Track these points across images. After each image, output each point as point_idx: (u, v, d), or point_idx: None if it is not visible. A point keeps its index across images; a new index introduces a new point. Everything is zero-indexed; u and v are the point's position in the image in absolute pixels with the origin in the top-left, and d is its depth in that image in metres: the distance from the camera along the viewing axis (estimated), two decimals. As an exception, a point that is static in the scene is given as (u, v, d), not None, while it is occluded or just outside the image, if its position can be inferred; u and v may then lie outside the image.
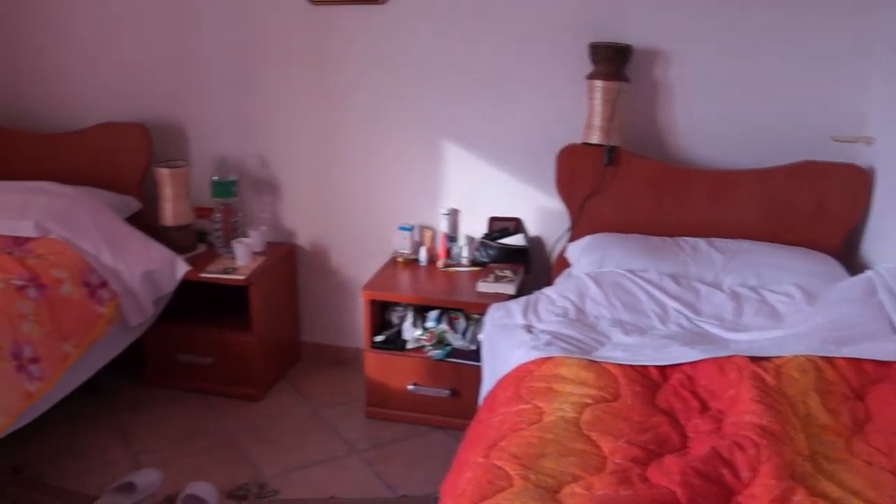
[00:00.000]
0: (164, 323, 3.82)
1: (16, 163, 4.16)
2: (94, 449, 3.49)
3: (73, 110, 4.26)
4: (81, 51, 4.20)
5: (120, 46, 4.13)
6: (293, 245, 4.12)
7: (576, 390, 2.36)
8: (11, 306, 3.05)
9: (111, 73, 4.18)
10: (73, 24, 4.17)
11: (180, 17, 3.99)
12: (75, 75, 4.24)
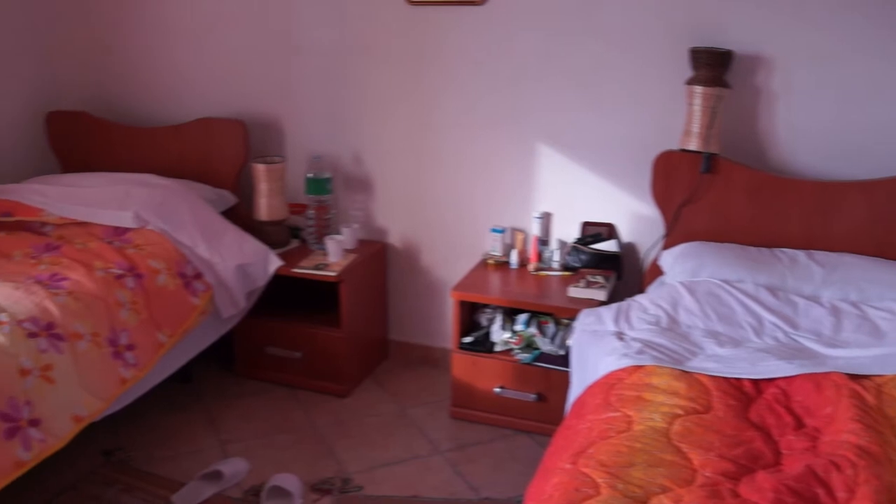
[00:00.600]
0: (254, 316, 3.88)
1: (118, 155, 4.27)
2: (184, 436, 3.56)
3: (174, 105, 4.36)
4: (183, 47, 4.28)
5: (221, 43, 4.20)
6: (384, 243, 4.14)
7: (667, 400, 2.33)
8: (110, 294, 3.14)
9: (212, 69, 4.25)
10: (176, 22, 4.26)
11: (280, 14, 4.03)
12: (177, 71, 4.33)
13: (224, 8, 4.14)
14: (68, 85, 4.54)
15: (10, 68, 4.29)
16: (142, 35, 4.35)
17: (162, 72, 4.37)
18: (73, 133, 4.38)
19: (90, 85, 4.53)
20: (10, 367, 2.69)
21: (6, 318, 2.80)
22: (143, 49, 4.37)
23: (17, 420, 2.66)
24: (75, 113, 4.39)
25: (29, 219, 3.60)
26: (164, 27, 4.30)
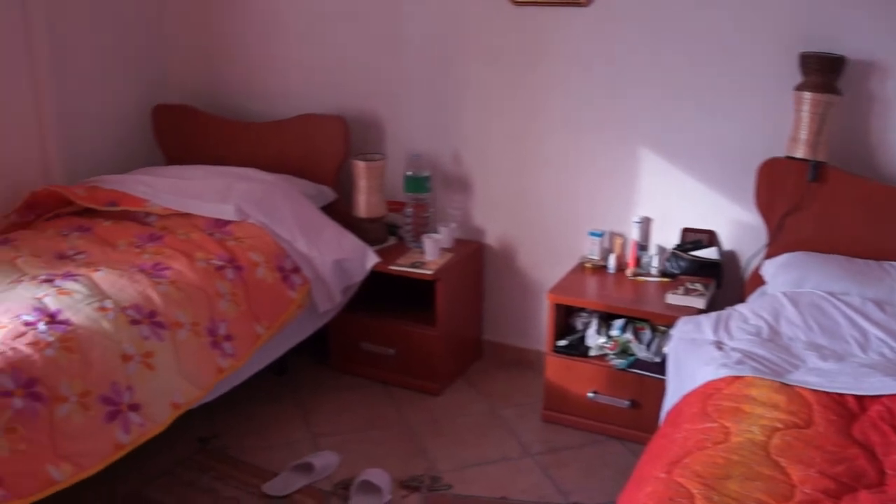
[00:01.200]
0: (350, 311, 3.91)
1: (221, 149, 4.35)
2: (277, 427, 3.61)
3: (278, 101, 4.42)
4: (288, 45, 4.35)
5: (324, 41, 4.25)
6: (481, 243, 4.14)
7: (766, 413, 2.27)
8: (211, 285, 3.20)
9: (315, 66, 4.30)
10: (281, 20, 4.33)
11: (384, 13, 4.07)
12: (281, 68, 4.40)
13: (329, 7, 4.19)
14: (174, 79, 4.66)
15: (121, 63, 4.41)
16: (247, 32, 4.44)
17: (266, 68, 4.44)
18: (177, 126, 4.49)
19: (196, 80, 4.63)
20: (113, 352, 2.77)
21: (111, 305, 2.88)
22: (248, 46, 4.45)
23: (119, 404, 2.73)
24: (181, 107, 4.50)
25: (134, 209, 3.69)
26: (269, 25, 4.37)
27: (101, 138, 4.35)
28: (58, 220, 3.79)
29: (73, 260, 3.32)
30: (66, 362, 2.65)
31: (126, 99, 4.47)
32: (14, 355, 2.57)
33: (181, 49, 4.62)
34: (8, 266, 3.25)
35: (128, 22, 4.42)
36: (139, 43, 4.49)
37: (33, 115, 3.97)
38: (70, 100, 4.11)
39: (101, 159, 4.29)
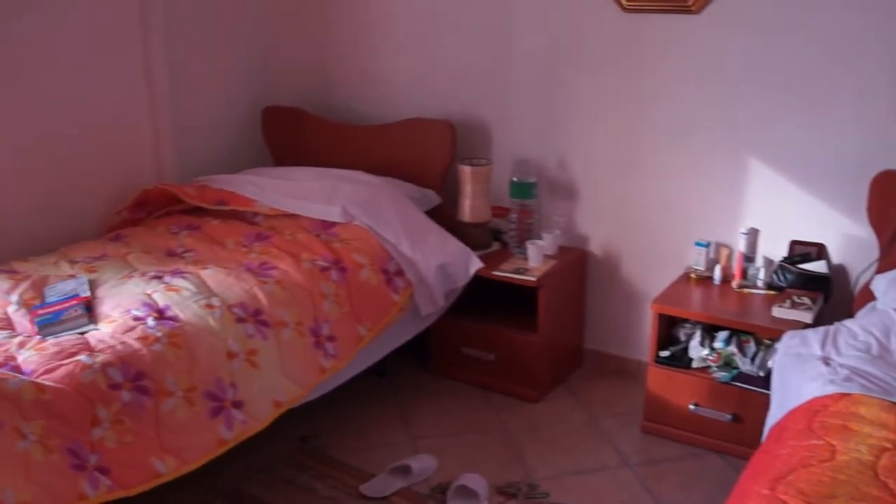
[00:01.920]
0: (451, 316, 3.92)
1: (328, 151, 4.41)
2: (376, 429, 3.63)
3: (385, 104, 4.46)
4: (396, 49, 4.39)
5: (433, 46, 4.27)
6: (585, 251, 4.10)
7: (874, 432, 2.19)
8: (315, 286, 3.24)
9: (423, 70, 4.33)
10: (390, 25, 4.38)
11: (494, 19, 4.06)
12: (389, 72, 4.44)
13: (438, 12, 4.21)
14: (284, 82, 4.74)
15: (232, 65, 4.51)
16: (357, 36, 4.50)
17: (375, 72, 4.49)
18: (286, 128, 4.57)
19: (305, 82, 4.71)
20: (218, 349, 2.84)
21: (217, 303, 2.95)
22: (358, 50, 4.51)
23: (223, 400, 2.79)
24: (289, 109, 4.57)
25: (242, 208, 3.77)
26: (378, 30, 4.42)
27: (212, 138, 4.46)
28: (168, 217, 3.91)
29: (181, 257, 3.41)
30: (173, 358, 2.72)
31: (237, 100, 4.57)
32: (123, 349, 2.65)
33: (291, 51, 4.70)
34: (119, 262, 3.36)
35: (239, 25, 4.52)
36: (250, 46, 4.59)
37: (148, 115, 4.10)
38: (183, 100, 4.23)
39: (212, 159, 4.40)
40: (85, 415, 2.48)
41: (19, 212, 3.65)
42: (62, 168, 3.79)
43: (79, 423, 2.46)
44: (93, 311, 2.94)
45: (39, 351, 2.61)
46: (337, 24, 4.54)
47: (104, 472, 2.46)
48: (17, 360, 2.58)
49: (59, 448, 2.39)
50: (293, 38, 4.69)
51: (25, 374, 2.49)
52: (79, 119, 3.83)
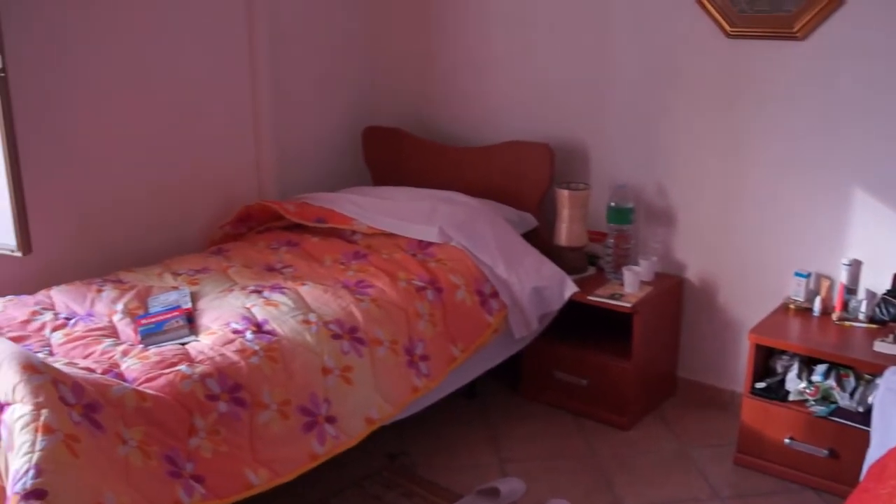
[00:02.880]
0: (544, 339, 3.90)
1: (427, 171, 4.44)
2: (465, 450, 3.63)
3: (484, 126, 4.47)
4: (496, 72, 4.40)
5: (533, 70, 4.27)
6: (682, 278, 4.04)
7: (984, 479, 2.11)
8: (411, 305, 3.26)
9: (522, 93, 4.33)
10: (490, 48, 4.39)
11: (594, 42, 4.05)
12: (488, 94, 4.45)
13: (538, 37, 4.21)
14: (385, 102, 4.80)
15: (335, 86, 4.60)
16: (457, 59, 4.52)
17: (474, 94, 4.50)
18: (386, 148, 4.62)
19: (405, 103, 4.75)
20: (314, 364, 2.87)
21: (314, 319, 2.98)
22: (458, 72, 4.53)
23: (316, 415, 2.82)
24: (390, 129, 4.62)
25: (341, 226, 3.82)
26: (478, 53, 4.44)
27: (313, 157, 4.54)
28: (268, 233, 3.98)
29: (280, 273, 3.47)
30: (270, 371, 2.76)
31: (338, 120, 4.65)
32: (222, 361, 2.70)
33: (393, 72, 4.75)
34: (220, 275, 3.43)
35: (342, 45, 4.60)
36: (352, 66, 4.67)
37: (252, 132, 4.20)
38: (286, 119, 4.32)
39: (312, 177, 4.48)
40: (183, 424, 2.52)
41: (127, 224, 3.77)
42: (169, 183, 3.91)
43: (177, 431, 2.51)
44: (193, 322, 3.00)
45: (142, 359, 2.67)
46: (438, 47, 4.58)
47: (199, 481, 2.49)
48: (121, 367, 2.64)
49: (157, 455, 2.44)
50: (395, 61, 4.75)
51: (128, 381, 2.55)
52: (187, 136, 3.95)
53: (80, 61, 3.53)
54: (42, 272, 3.45)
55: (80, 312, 3.11)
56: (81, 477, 2.18)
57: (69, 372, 2.42)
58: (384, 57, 4.76)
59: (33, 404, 2.20)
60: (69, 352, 2.77)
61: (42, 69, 3.40)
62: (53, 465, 2.13)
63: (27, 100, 3.26)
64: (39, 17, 3.37)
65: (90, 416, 2.31)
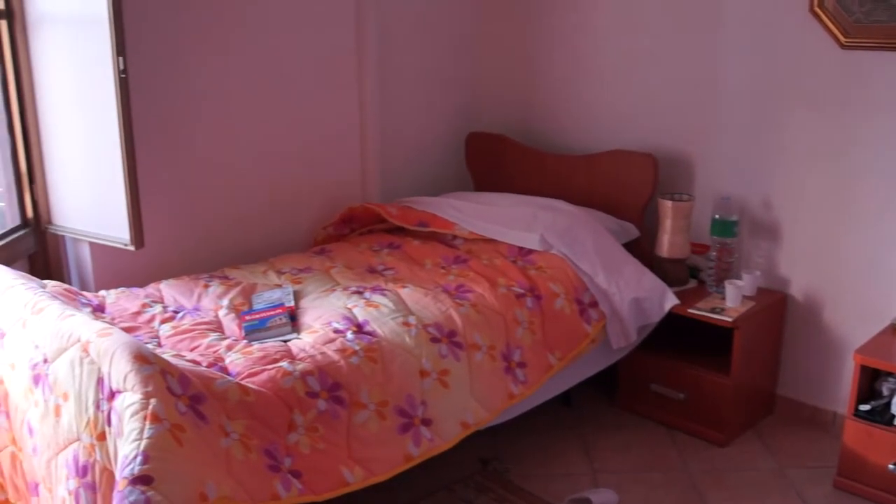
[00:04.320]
0: (642, 351, 3.86)
1: (529, 178, 4.45)
2: (558, 458, 3.62)
3: (587, 135, 4.46)
4: (600, 81, 4.38)
5: (638, 78, 4.24)
6: (785, 294, 3.95)
7: None
8: (510, 311, 3.27)
9: (627, 102, 4.31)
10: (596, 57, 4.37)
11: (702, 54, 4.00)
12: (592, 103, 4.44)
13: (643, 45, 4.19)
14: (489, 108, 4.82)
15: (441, 92, 4.65)
16: (562, 67, 4.52)
17: (578, 102, 4.49)
18: (488, 154, 4.64)
19: (509, 109, 4.77)
20: (412, 366, 2.90)
21: (414, 322, 3.01)
22: (562, 80, 4.53)
23: (412, 417, 2.84)
24: (493, 135, 4.64)
25: (442, 231, 3.85)
26: (583, 61, 4.43)
27: (416, 161, 4.59)
28: (371, 235, 4.03)
29: (382, 275, 3.51)
30: (369, 371, 2.79)
31: (442, 125, 4.69)
32: (323, 359, 2.75)
33: (497, 79, 4.77)
34: (323, 275, 3.49)
35: (447, 51, 4.65)
36: (457, 71, 4.71)
37: (358, 136, 4.28)
38: (391, 124, 4.38)
39: (414, 181, 4.53)
40: (283, 419, 2.58)
41: (234, 222, 3.87)
42: (276, 184, 4.00)
43: (277, 426, 2.56)
44: (296, 320, 3.06)
45: (245, 355, 2.73)
46: (543, 54, 4.58)
47: (296, 476, 2.54)
48: (225, 361, 2.71)
49: (257, 448, 2.49)
50: (499, 67, 4.77)
51: (232, 375, 2.61)
52: (295, 138, 4.04)
53: (194, 65, 3.65)
54: (152, 266, 3.56)
55: (187, 306, 3.21)
56: (185, 465, 2.24)
57: (177, 364, 2.49)
58: (489, 63, 4.79)
59: (142, 393, 2.27)
60: (176, 344, 2.86)
61: (159, 72, 3.52)
62: (159, 452, 2.19)
63: (144, 101, 3.37)
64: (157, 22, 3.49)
65: (195, 407, 2.37)
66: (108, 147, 3.13)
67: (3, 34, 3.34)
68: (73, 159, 3.39)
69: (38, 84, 3.38)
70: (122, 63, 3.00)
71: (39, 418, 2.59)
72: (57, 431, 2.51)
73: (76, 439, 2.44)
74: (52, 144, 3.43)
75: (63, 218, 3.50)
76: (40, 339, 2.61)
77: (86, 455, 2.40)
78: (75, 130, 3.35)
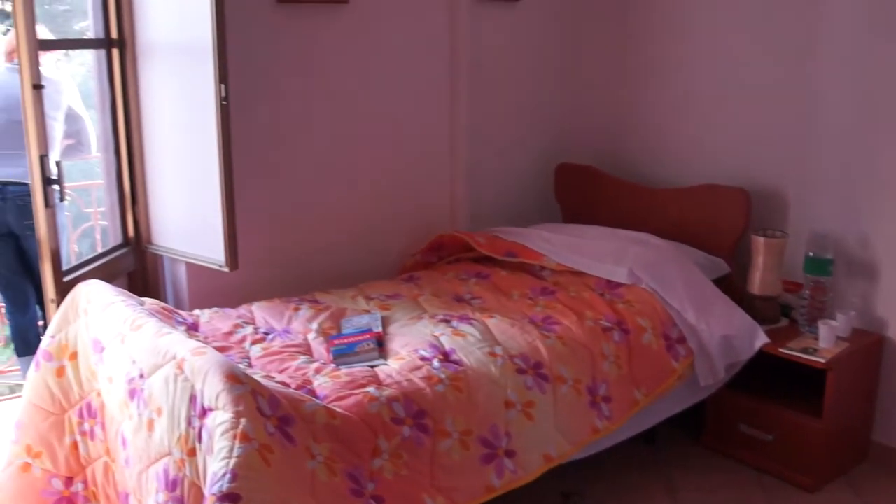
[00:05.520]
0: (730, 390, 3.79)
1: (618, 210, 4.43)
2: (640, 496, 3.57)
3: (678, 168, 4.43)
4: (694, 115, 4.35)
5: (731, 110, 4.20)
6: (882, 336, 3.84)
7: None
8: (596, 345, 3.26)
9: (720, 136, 4.27)
10: (686, 90, 4.36)
11: (798, 86, 3.94)
12: (685, 136, 4.41)
13: (737, 78, 4.15)
14: (579, 139, 4.83)
15: (531, 122, 4.69)
16: (652, 99, 4.51)
17: (670, 136, 4.47)
18: (578, 185, 4.64)
19: (599, 141, 4.77)
20: (497, 397, 2.90)
21: (500, 352, 3.02)
22: (654, 113, 4.52)
23: (496, 448, 2.85)
24: (582, 166, 4.64)
25: (530, 262, 3.87)
26: (673, 94, 4.41)
27: (505, 190, 4.62)
28: (458, 264, 4.07)
29: (469, 304, 3.53)
30: (454, 400, 2.81)
31: (531, 155, 4.73)
32: (409, 386, 2.77)
33: (587, 110, 4.78)
34: (411, 302, 3.53)
35: (539, 81, 4.69)
36: (548, 101, 4.74)
37: (448, 165, 4.34)
38: (480, 153, 4.43)
39: (503, 210, 4.56)
40: (368, 444, 2.60)
41: (326, 247, 3.97)
42: (367, 210, 4.10)
43: (361, 450, 2.59)
44: (383, 346, 3.10)
45: (333, 378, 2.77)
46: (633, 86, 4.57)
47: (379, 501, 2.56)
48: (313, 384, 2.75)
49: (341, 472, 2.52)
50: (590, 98, 4.78)
51: (320, 398, 2.65)
52: (387, 166, 4.13)
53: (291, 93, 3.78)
54: (244, 287, 3.66)
55: (277, 328, 3.27)
56: (272, 486, 2.27)
57: (267, 385, 2.53)
58: (580, 94, 4.79)
59: (233, 412, 2.31)
60: (266, 365, 2.91)
61: (258, 99, 3.63)
62: (248, 471, 2.23)
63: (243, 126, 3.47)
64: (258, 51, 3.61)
65: (283, 428, 2.41)
66: (207, 171, 3.23)
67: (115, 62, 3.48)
68: (173, 182, 3.51)
69: (144, 109, 3.51)
70: (223, 90, 3.09)
71: (133, 431, 2.67)
72: (149, 445, 2.58)
73: (167, 453, 2.50)
74: (155, 167, 3.55)
75: (162, 238, 3.61)
76: (137, 355, 2.69)
77: (176, 469, 2.46)
78: (177, 154, 3.46)
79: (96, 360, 2.93)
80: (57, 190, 3.20)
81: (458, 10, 4.23)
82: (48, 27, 3.57)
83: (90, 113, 4.41)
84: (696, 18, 4.30)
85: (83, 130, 4.43)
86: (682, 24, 4.36)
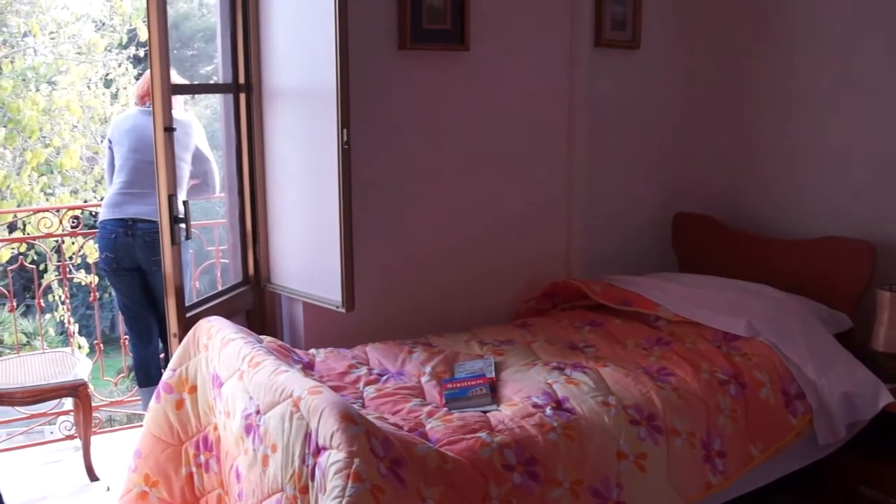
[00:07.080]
0: (849, 450, 3.66)
1: (736, 262, 4.35)
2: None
3: (798, 219, 4.33)
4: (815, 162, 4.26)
5: (855, 160, 4.10)
6: None
7: None
8: (712, 398, 3.19)
9: (843, 185, 4.16)
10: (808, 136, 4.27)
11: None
12: (806, 185, 4.31)
13: (859, 128, 4.05)
14: (696, 188, 4.77)
15: (649, 170, 4.67)
16: (773, 147, 4.43)
17: (789, 186, 4.38)
18: (694, 234, 4.58)
19: (717, 190, 4.70)
20: (609, 447, 2.87)
21: (613, 402, 2.99)
22: (773, 163, 4.43)
23: (606, 499, 2.81)
24: (700, 216, 4.59)
25: (645, 311, 3.82)
26: (794, 141, 4.33)
27: (620, 238, 4.59)
28: (572, 311, 4.05)
29: (583, 352, 3.51)
30: (565, 449, 2.78)
31: (648, 203, 4.69)
32: (520, 433, 2.76)
33: (704, 159, 4.73)
34: (524, 349, 3.53)
35: (657, 129, 4.65)
36: (666, 149, 4.70)
37: (564, 212, 4.34)
38: (597, 200, 4.42)
39: (619, 258, 4.52)
40: (478, 489, 2.59)
41: (441, 290, 4.00)
42: (482, 256, 4.13)
43: (472, 496, 2.58)
44: (496, 391, 3.10)
45: (446, 422, 2.78)
46: (753, 134, 4.50)
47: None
48: (426, 427, 2.77)
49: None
50: (708, 148, 4.72)
51: (432, 441, 2.66)
52: (503, 212, 4.16)
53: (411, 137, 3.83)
54: (359, 328, 3.71)
55: (391, 370, 3.31)
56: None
57: (381, 426, 2.56)
58: (698, 141, 4.74)
59: (347, 452, 2.34)
60: (379, 406, 2.94)
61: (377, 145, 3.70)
62: (359, 511, 2.25)
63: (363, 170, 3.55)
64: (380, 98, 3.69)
65: (395, 470, 2.42)
66: (327, 213, 3.29)
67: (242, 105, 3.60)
68: (293, 223, 3.59)
69: (268, 152, 3.62)
70: (345, 135, 3.16)
71: (247, 466, 2.73)
72: (263, 480, 2.63)
73: (280, 490, 2.55)
74: (276, 208, 3.64)
75: (280, 277, 3.69)
76: (255, 391, 2.75)
77: (288, 506, 2.50)
78: (298, 196, 3.55)
79: (214, 394, 3.01)
80: (183, 228, 3.31)
81: (578, 56, 4.25)
82: (177, 71, 3.70)
83: (215, 154, 4.55)
84: (820, 67, 4.21)
85: (209, 172, 4.57)
86: (807, 74, 4.28)
